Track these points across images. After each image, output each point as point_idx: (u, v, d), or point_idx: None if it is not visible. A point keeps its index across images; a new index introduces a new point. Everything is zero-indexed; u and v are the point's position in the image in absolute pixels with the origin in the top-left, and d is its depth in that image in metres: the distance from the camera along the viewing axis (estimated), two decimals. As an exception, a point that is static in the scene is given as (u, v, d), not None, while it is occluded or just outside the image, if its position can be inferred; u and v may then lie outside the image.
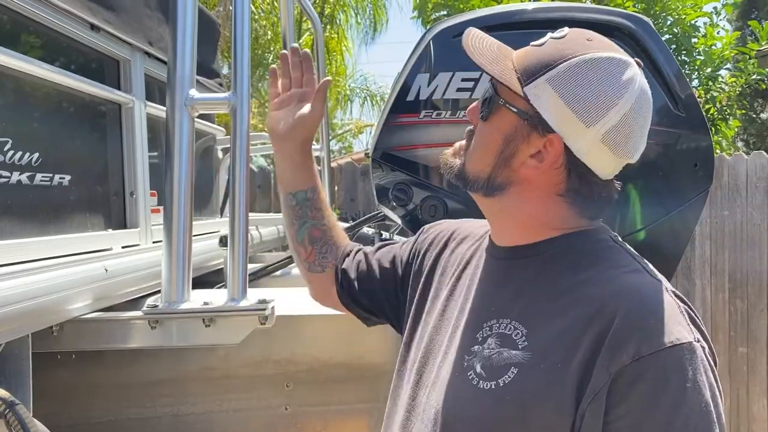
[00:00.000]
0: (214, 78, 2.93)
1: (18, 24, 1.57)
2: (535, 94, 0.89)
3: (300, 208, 1.30)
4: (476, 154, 0.97)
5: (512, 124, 0.93)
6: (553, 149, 0.91)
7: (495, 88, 0.95)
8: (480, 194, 0.99)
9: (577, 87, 0.88)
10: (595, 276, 0.89)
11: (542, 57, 0.91)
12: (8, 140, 1.45)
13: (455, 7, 6.80)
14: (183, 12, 1.58)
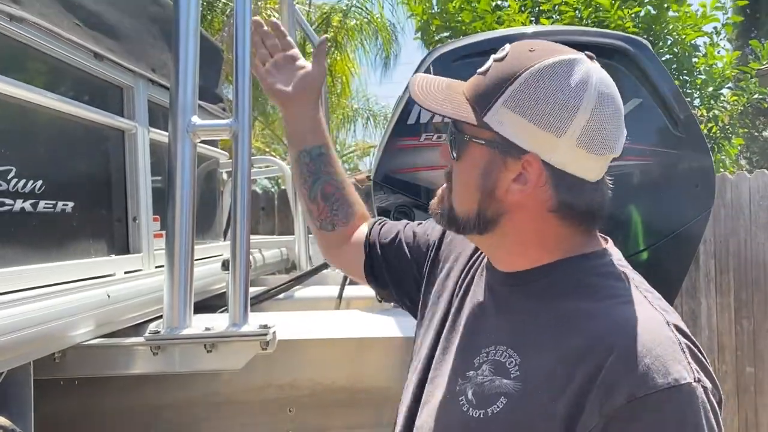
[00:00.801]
0: (218, 103, 2.96)
1: (23, 53, 1.60)
2: (496, 120, 0.87)
3: (314, 164, 1.28)
4: (459, 195, 0.95)
5: (484, 156, 0.90)
6: (532, 168, 0.87)
7: (456, 126, 0.93)
8: (475, 234, 0.96)
9: (535, 101, 0.85)
10: (591, 307, 0.86)
11: (491, 82, 0.88)
12: (12, 168, 1.47)
13: (458, 29, 6.86)
14: (185, 41, 1.60)
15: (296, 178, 1.32)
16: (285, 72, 1.27)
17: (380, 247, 1.24)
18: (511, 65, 0.87)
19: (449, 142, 0.94)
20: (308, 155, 1.28)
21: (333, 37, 10.06)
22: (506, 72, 0.87)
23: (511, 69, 0.87)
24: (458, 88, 0.95)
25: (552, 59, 0.86)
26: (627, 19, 6.00)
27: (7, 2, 1.41)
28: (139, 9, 2.14)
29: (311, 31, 3.31)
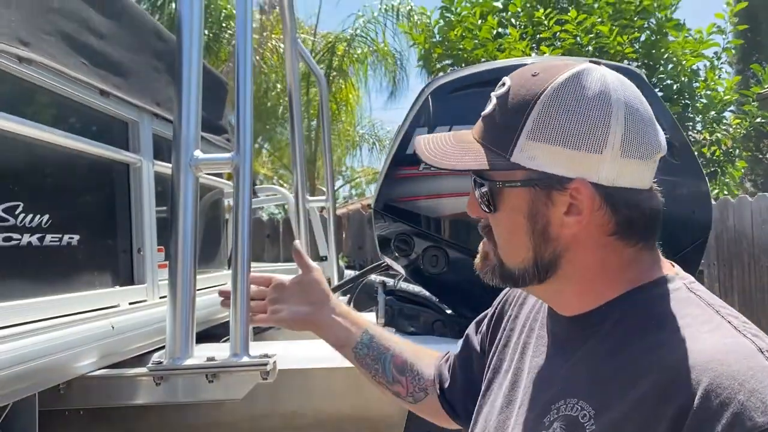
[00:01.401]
0: (222, 134, 3.02)
1: (32, 92, 1.65)
2: (526, 156, 0.80)
3: (373, 350, 1.23)
4: (508, 248, 0.87)
5: (525, 197, 0.83)
6: (582, 195, 0.80)
7: (482, 176, 0.85)
8: (534, 284, 0.87)
9: (562, 125, 0.79)
10: (667, 338, 0.76)
11: (505, 119, 0.82)
12: (20, 204, 1.51)
13: (459, 57, 6.95)
14: (188, 78, 1.65)
15: (366, 374, 1.25)
16: (287, 299, 1.26)
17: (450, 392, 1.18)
18: (521, 96, 0.81)
19: (479, 197, 0.87)
20: (363, 347, 1.23)
21: (338, 65, 10.19)
22: (518, 105, 0.81)
23: (522, 100, 0.81)
24: (467, 137, 0.88)
25: (561, 77, 0.80)
26: (626, 45, 6.08)
27: (16, 44, 1.46)
28: (143, 45, 2.20)
29: (313, 63, 3.37)
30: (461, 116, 2.24)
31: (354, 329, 1.23)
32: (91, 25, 1.83)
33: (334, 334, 1.24)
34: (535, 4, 6.79)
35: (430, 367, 1.22)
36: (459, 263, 2.21)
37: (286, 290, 1.26)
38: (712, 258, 4.31)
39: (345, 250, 5.80)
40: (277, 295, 1.27)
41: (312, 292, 1.24)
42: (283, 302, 1.26)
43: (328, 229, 3.74)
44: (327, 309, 1.24)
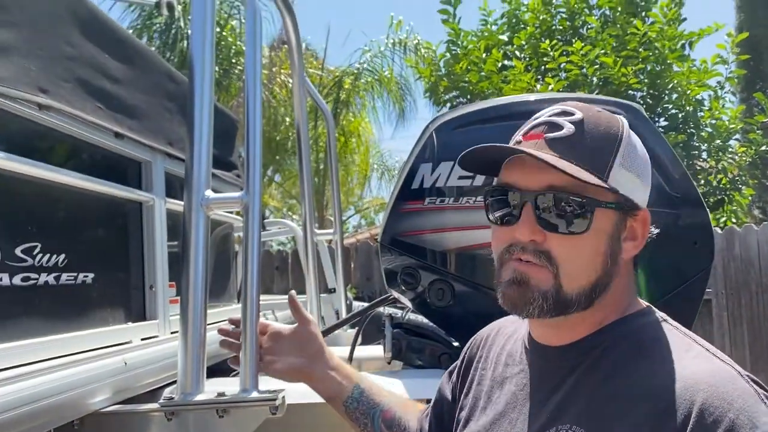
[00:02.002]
0: (232, 170, 3.08)
1: (49, 137, 1.72)
2: (617, 182, 0.85)
3: (363, 404, 1.27)
4: (576, 271, 0.86)
5: (612, 220, 0.87)
6: (642, 222, 0.89)
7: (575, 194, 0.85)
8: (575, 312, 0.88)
9: (637, 158, 0.88)
10: (658, 366, 0.81)
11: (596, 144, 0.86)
12: (37, 244, 1.57)
13: (465, 89, 7.05)
14: (199, 120, 1.71)
15: (355, 427, 1.29)
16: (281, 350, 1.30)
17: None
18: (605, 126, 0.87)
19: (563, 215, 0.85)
20: (353, 401, 1.27)
21: (345, 99, 10.33)
22: (606, 133, 0.86)
23: (609, 129, 0.87)
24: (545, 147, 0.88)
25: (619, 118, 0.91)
26: (631, 76, 6.15)
27: (36, 92, 1.53)
28: (156, 87, 2.27)
29: (321, 100, 3.45)
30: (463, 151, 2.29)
31: (345, 383, 1.27)
32: (107, 70, 1.90)
33: (325, 387, 1.28)
34: (540, 37, 6.90)
35: (415, 421, 1.26)
36: (465, 296, 2.24)
37: (282, 340, 1.30)
38: (719, 287, 4.31)
39: (353, 282, 5.83)
40: (272, 344, 1.31)
41: (307, 344, 1.28)
42: (278, 353, 1.30)
43: (336, 260, 3.78)
44: (320, 362, 1.28)
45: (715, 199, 6.26)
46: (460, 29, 7.12)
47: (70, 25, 1.72)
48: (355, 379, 1.29)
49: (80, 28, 1.76)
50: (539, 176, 0.86)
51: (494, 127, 2.34)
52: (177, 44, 8.60)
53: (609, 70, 6.21)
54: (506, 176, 0.91)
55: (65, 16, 1.70)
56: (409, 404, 1.31)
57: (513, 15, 7.41)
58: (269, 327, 1.35)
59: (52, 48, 1.62)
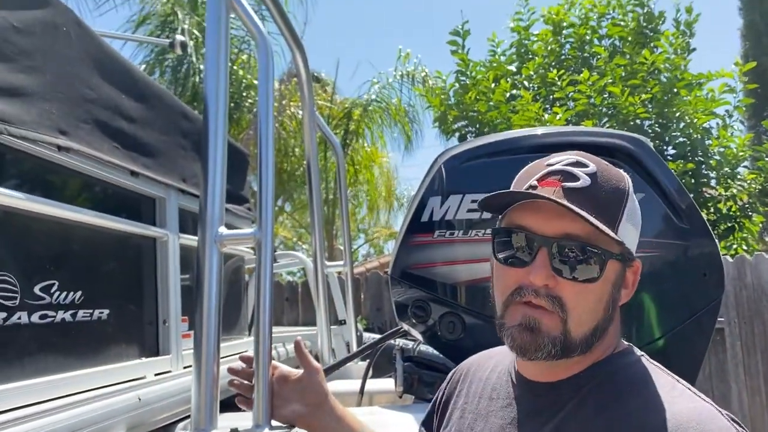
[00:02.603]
0: (243, 204, 3.13)
1: (68, 177, 1.77)
2: (623, 235, 0.88)
3: None
4: (584, 317, 0.89)
5: (617, 270, 0.90)
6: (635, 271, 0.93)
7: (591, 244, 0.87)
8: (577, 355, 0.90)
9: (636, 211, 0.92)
10: (644, 404, 0.84)
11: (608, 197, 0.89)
12: (55, 282, 1.60)
13: (474, 119, 7.11)
14: (213, 158, 1.75)
15: None
16: (287, 395, 1.31)
17: None
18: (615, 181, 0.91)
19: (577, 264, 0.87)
20: None
21: (354, 130, 10.43)
22: (616, 187, 0.90)
23: (618, 184, 0.91)
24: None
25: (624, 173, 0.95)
26: (638, 105, 6.19)
27: (56, 135, 1.58)
28: (171, 125, 2.33)
29: (330, 133, 3.50)
30: (472, 185, 2.32)
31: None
32: (123, 110, 1.95)
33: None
34: (548, 67, 6.97)
35: None
36: (475, 329, 2.25)
37: (288, 385, 1.30)
38: (732, 316, 4.28)
39: (363, 313, 5.83)
40: (278, 388, 1.31)
41: (311, 393, 1.28)
42: (284, 398, 1.30)
43: (346, 292, 3.79)
44: (323, 411, 1.27)
45: (725, 226, 6.24)
46: (469, 60, 7.21)
47: (89, 67, 1.78)
48: (358, 428, 1.28)
49: (99, 71, 1.82)
50: (557, 223, 0.88)
51: (502, 160, 2.36)
52: (189, 79, 8.75)
53: (617, 99, 6.25)
54: (519, 218, 0.92)
55: (85, 59, 1.76)
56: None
57: (522, 45, 7.50)
58: (277, 370, 1.35)
59: (72, 91, 1.67)
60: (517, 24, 7.50)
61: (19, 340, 1.49)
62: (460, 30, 7.15)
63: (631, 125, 6.32)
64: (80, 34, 1.72)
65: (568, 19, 7.31)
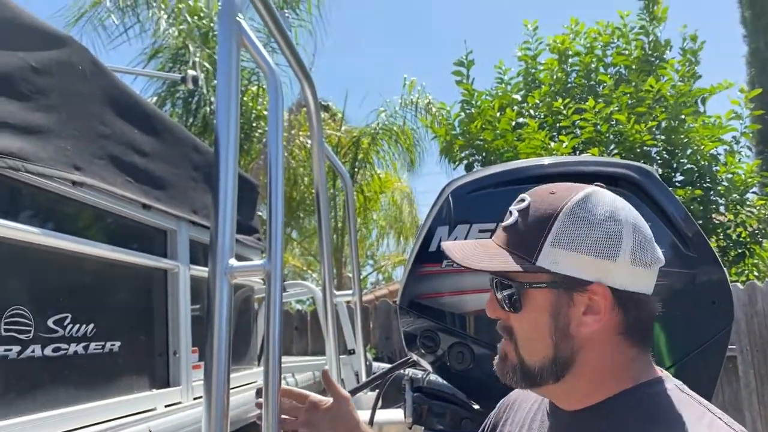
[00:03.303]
0: (253, 234, 3.16)
1: (82, 211, 1.80)
2: (550, 261, 0.89)
3: None
4: (530, 346, 0.94)
5: (549, 298, 0.91)
6: (600, 296, 0.89)
7: (507, 278, 0.93)
8: (551, 383, 0.93)
9: (582, 235, 0.89)
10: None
11: (529, 228, 0.92)
12: (68, 315, 1.63)
13: (480, 147, 7.15)
14: (224, 191, 1.77)
15: None
16: (316, 423, 1.31)
17: None
18: (543, 210, 0.92)
19: (502, 298, 0.94)
20: None
21: (363, 158, 10.51)
22: (541, 216, 0.92)
23: (544, 213, 0.92)
24: (491, 244, 0.97)
25: (578, 195, 0.92)
26: (644, 133, 6.21)
27: (71, 170, 1.62)
28: (182, 158, 2.37)
29: (339, 164, 3.53)
30: (479, 214, 2.34)
31: None
32: (136, 144, 2.00)
33: None
34: (554, 95, 7.02)
35: None
36: (485, 359, 2.24)
37: (318, 414, 1.31)
38: (744, 344, 4.24)
39: (372, 342, 5.81)
40: (309, 417, 1.31)
41: (341, 421, 1.29)
42: (314, 426, 1.30)
43: (355, 321, 3.79)
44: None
45: (735, 253, 6.20)
46: (474, 90, 7.27)
47: (103, 104, 1.82)
48: None
49: (112, 107, 1.87)
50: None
51: (509, 190, 2.38)
52: (200, 110, 8.86)
53: (623, 127, 6.28)
54: None
55: (99, 97, 1.80)
56: None
57: (529, 73, 7.56)
58: (309, 398, 1.34)
59: (87, 127, 1.72)
60: (524, 53, 7.57)
61: (33, 372, 1.51)
62: (465, 60, 7.22)
63: (638, 152, 6.33)
64: (95, 72, 1.77)
65: (574, 47, 7.37)
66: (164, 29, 8.98)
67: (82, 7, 8.83)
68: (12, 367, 1.45)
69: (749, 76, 13.27)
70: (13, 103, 1.44)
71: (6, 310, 1.45)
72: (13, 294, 1.50)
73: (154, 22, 9.01)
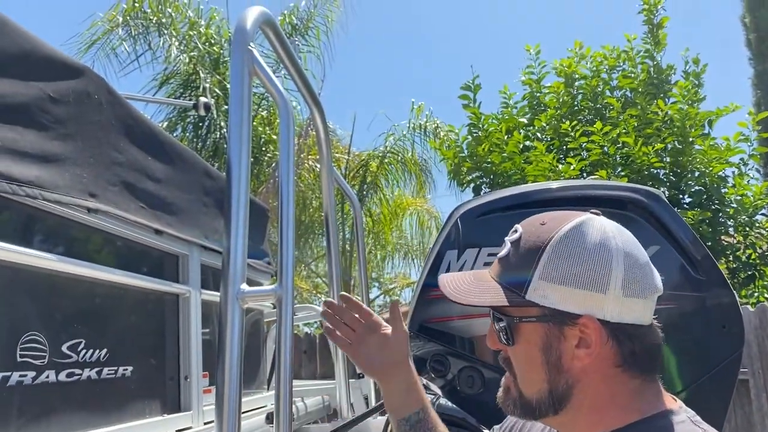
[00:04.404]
0: (263, 258, 3.18)
1: (96, 237, 1.83)
2: (539, 295, 0.89)
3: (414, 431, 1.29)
4: (526, 379, 0.94)
5: (539, 332, 0.91)
6: (590, 329, 0.88)
7: (501, 312, 0.94)
8: (550, 415, 0.93)
9: (569, 268, 0.88)
10: None
11: (519, 261, 0.92)
12: (82, 341, 1.65)
13: (488, 170, 7.17)
14: (236, 217, 1.80)
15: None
16: (370, 344, 1.32)
17: None
18: (532, 242, 0.92)
19: (498, 330, 0.96)
20: (407, 423, 1.30)
21: (371, 181, 10.58)
22: (530, 249, 0.91)
23: (533, 245, 0.91)
24: (486, 276, 0.98)
25: (566, 226, 0.91)
26: (652, 155, 6.23)
27: (86, 197, 1.65)
28: (194, 184, 2.40)
29: (348, 188, 3.56)
30: (487, 238, 2.35)
31: (408, 404, 1.30)
32: (149, 171, 2.03)
33: (391, 398, 1.32)
34: (561, 118, 7.05)
35: None
36: (495, 383, 2.22)
37: (373, 334, 1.33)
38: (756, 367, 4.21)
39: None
40: (364, 333, 1.33)
41: (391, 350, 1.31)
42: (366, 344, 1.33)
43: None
44: (397, 371, 1.31)
45: (745, 275, 6.17)
46: (480, 113, 7.32)
47: (117, 132, 1.86)
48: (419, 405, 1.30)
49: (126, 134, 1.90)
50: None
51: (517, 214, 2.40)
52: (210, 135, 8.98)
53: (630, 149, 6.30)
54: None
55: (114, 125, 1.84)
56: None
57: (534, 97, 7.61)
58: (372, 317, 1.36)
59: (102, 155, 1.75)
60: (528, 77, 7.63)
61: (47, 398, 1.53)
62: (471, 84, 7.29)
63: (645, 174, 6.34)
64: (110, 101, 1.80)
65: (580, 71, 7.42)
66: (175, 56, 9.12)
67: (94, 34, 9.00)
68: (28, 393, 1.47)
69: (755, 98, 13.28)
70: (32, 133, 1.48)
71: (22, 336, 1.47)
72: (29, 320, 1.52)
73: (165, 48, 9.15)
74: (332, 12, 10.47)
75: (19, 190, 1.38)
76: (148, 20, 9.08)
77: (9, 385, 1.42)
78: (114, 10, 9.08)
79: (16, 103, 1.43)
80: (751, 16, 13.47)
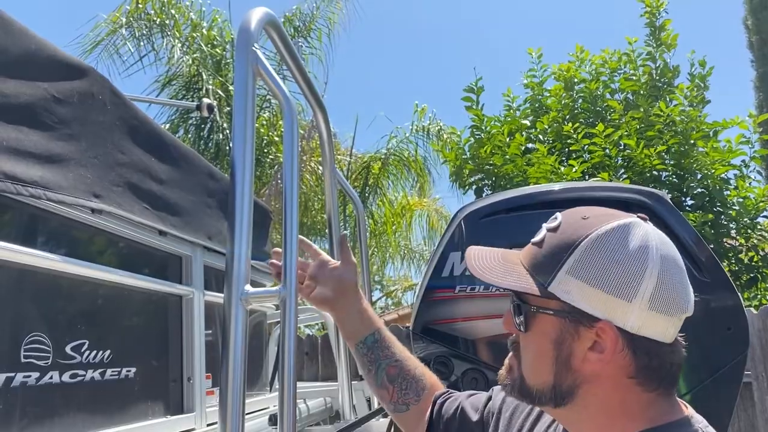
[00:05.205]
0: (266, 260, 3.17)
1: (100, 237, 1.83)
2: (562, 290, 0.86)
3: (372, 353, 1.32)
4: (532, 367, 0.92)
5: (555, 326, 0.88)
6: (607, 336, 0.84)
7: (520, 297, 0.92)
8: (549, 407, 0.92)
9: (600, 269, 0.84)
10: None
11: (550, 251, 0.88)
12: (85, 341, 1.64)
13: (490, 172, 7.17)
14: (240, 219, 1.79)
15: (360, 369, 1.38)
16: (321, 279, 1.36)
17: (443, 424, 1.25)
18: (568, 234, 0.88)
19: (513, 313, 0.93)
20: (364, 346, 1.33)
21: (373, 183, 10.58)
22: (564, 241, 0.88)
23: (568, 238, 0.87)
24: (515, 258, 0.95)
25: (608, 225, 0.86)
26: (654, 158, 6.22)
27: (90, 198, 1.64)
28: (198, 185, 2.39)
29: (351, 189, 3.56)
30: (491, 240, 2.34)
31: (364, 327, 1.34)
32: (153, 172, 2.02)
33: (345, 325, 1.36)
34: (562, 121, 7.05)
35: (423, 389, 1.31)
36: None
37: (324, 271, 1.36)
38: (759, 370, 4.19)
39: (384, 367, 5.78)
40: (315, 272, 1.37)
41: (343, 282, 1.35)
42: (317, 282, 1.36)
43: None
44: (349, 300, 1.35)
45: (747, 277, 6.16)
46: (483, 115, 7.33)
47: (121, 132, 1.85)
48: (373, 327, 1.34)
49: (130, 135, 1.90)
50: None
51: (520, 216, 2.40)
52: (212, 136, 8.99)
53: (632, 151, 6.29)
54: None
55: (118, 125, 1.84)
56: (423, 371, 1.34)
57: (536, 100, 7.61)
58: (320, 255, 1.40)
59: (106, 156, 1.75)
60: (530, 80, 7.63)
61: (51, 399, 1.52)
62: (474, 87, 7.30)
63: (648, 176, 6.33)
64: (115, 101, 1.80)
65: (579, 75, 7.42)
66: (178, 57, 9.13)
67: (98, 35, 9.02)
68: (31, 394, 1.46)
69: (757, 100, 13.29)
70: (36, 133, 1.47)
71: (26, 337, 1.47)
72: (33, 320, 1.52)
73: (169, 50, 9.17)
74: (334, 14, 10.49)
75: (23, 190, 1.37)
76: (151, 22, 9.10)
77: (13, 386, 1.41)
78: (118, 11, 9.10)
79: (20, 104, 1.43)
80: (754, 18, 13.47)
